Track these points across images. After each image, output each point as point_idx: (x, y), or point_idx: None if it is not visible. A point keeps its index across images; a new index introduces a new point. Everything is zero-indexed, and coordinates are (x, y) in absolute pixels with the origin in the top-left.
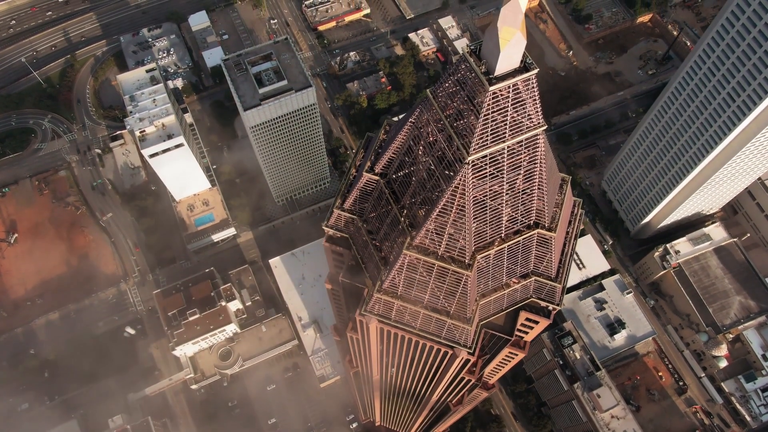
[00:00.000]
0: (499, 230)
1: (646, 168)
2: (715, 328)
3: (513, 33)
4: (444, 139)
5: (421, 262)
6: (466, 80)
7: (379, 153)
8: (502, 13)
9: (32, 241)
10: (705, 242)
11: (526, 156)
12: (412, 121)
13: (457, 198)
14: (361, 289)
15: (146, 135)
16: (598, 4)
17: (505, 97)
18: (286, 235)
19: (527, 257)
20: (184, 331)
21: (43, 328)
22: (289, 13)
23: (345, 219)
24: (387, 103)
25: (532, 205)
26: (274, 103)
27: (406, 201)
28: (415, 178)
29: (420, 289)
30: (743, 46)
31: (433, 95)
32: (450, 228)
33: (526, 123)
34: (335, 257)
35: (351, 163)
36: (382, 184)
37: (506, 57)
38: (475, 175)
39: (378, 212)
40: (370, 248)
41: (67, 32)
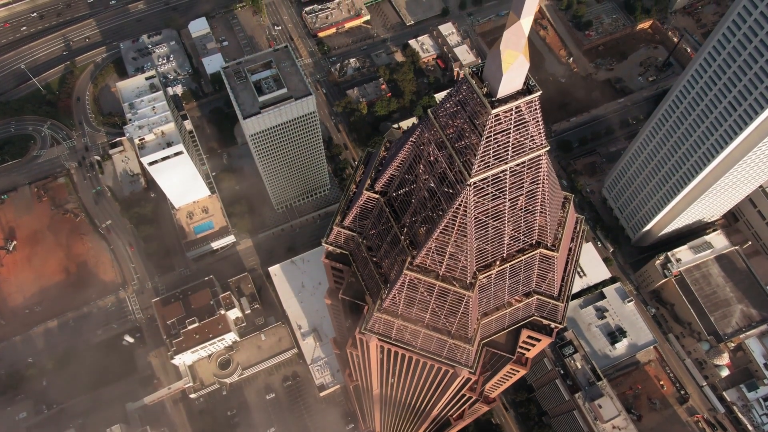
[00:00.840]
0: (501, 250)
1: (648, 176)
2: (716, 337)
3: (516, 56)
4: (445, 159)
5: (422, 282)
6: (467, 101)
7: (379, 170)
8: (505, 37)
9: (31, 249)
10: (706, 250)
11: (529, 176)
12: (413, 140)
13: (459, 218)
14: (361, 305)
15: (145, 143)
16: (599, 11)
17: (508, 119)
18: (285, 243)
19: (529, 276)
20: (183, 340)
21: (42, 336)
22: (289, 20)
23: (345, 236)
24: (387, 110)
25: (534, 224)
26: (274, 111)
27: (406, 220)
28: (415, 196)
29: (421, 308)
30: (744, 56)
31: (434, 115)
32: (451, 248)
33: (528, 144)
34: (335, 273)
35: (351, 178)
36: (383, 202)
37: (509, 80)
38: (477, 196)
39: (378, 230)
40: (370, 266)
41: (67, 38)
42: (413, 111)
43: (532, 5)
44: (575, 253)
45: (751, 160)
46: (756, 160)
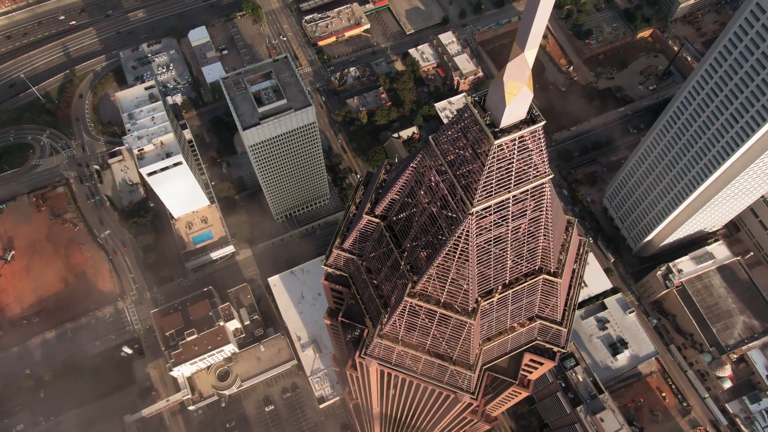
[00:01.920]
0: (504, 276)
1: (649, 186)
2: (719, 349)
3: (520, 88)
4: (447, 187)
5: (423, 309)
6: (469, 130)
7: (380, 193)
8: (509, 68)
9: (29, 259)
10: (708, 261)
11: (532, 204)
12: (414, 165)
13: (461, 246)
14: (361, 328)
15: (145, 153)
16: (599, 20)
17: (511, 149)
18: (285, 253)
19: (532, 302)
20: (182, 351)
21: (39, 347)
22: (288, 29)
23: (344, 258)
24: (387, 119)
25: (537, 250)
26: (274, 122)
27: (407, 245)
28: (416, 221)
29: (422, 334)
30: (746, 68)
31: (435, 142)
32: (453, 275)
33: (532, 172)
34: (334, 294)
35: (351, 199)
36: (383, 227)
37: (512, 110)
38: (479, 224)
39: (378, 253)
40: (370, 289)
41: (67, 47)
42: (413, 120)
43: (536, 38)
44: (578, 277)
45: (753, 171)
46: (758, 171)
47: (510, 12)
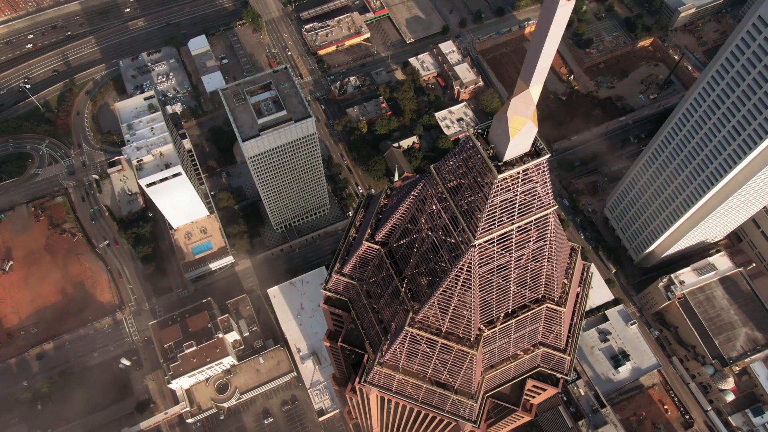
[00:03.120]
0: (507, 305)
1: (650, 197)
2: (721, 361)
3: (524, 123)
4: (449, 217)
5: (424, 338)
6: (472, 162)
7: (380, 219)
8: (513, 104)
9: (27, 269)
10: (710, 272)
11: (536, 234)
12: (415, 194)
13: (463, 276)
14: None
15: (143, 164)
16: (599, 29)
17: (515, 182)
18: (284, 263)
19: (535, 330)
20: (181, 364)
21: (37, 358)
22: (289, 37)
23: (344, 283)
24: (387, 128)
25: (540, 279)
26: (273, 133)
27: (408, 272)
28: (417, 249)
29: (423, 363)
30: (749, 80)
31: (437, 171)
32: (455, 305)
33: (536, 204)
34: (334, 317)
35: (350, 222)
36: (383, 253)
37: (516, 144)
38: (481, 255)
39: (378, 278)
40: (370, 315)
41: (66, 56)
42: (414, 130)
43: (542, 74)
44: (582, 303)
45: (755, 183)
46: (761, 183)
47: (510, 21)
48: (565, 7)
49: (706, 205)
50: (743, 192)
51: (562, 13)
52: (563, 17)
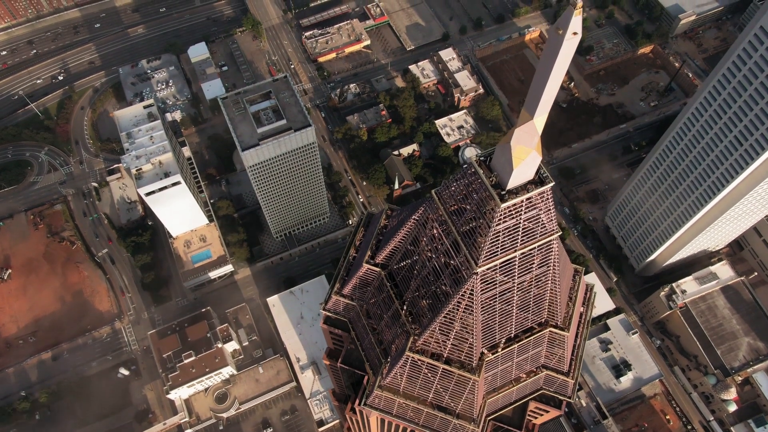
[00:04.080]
0: (509, 330)
1: (651, 206)
2: (723, 371)
3: (528, 152)
4: (450, 243)
5: (426, 364)
6: (475, 189)
7: (380, 240)
8: (517, 134)
9: (26, 277)
10: (712, 281)
11: (539, 259)
12: (416, 218)
13: (465, 303)
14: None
15: (143, 173)
16: (599, 36)
17: (518, 210)
18: (284, 272)
19: (538, 353)
20: (180, 374)
21: (35, 368)
22: (288, 44)
23: (344, 304)
24: (387, 136)
25: (543, 303)
26: (273, 142)
27: (408, 295)
28: (418, 273)
29: (424, 387)
30: (750, 91)
31: (438, 196)
32: (456, 330)
33: (539, 231)
34: (334, 337)
35: (350, 241)
36: (383, 275)
37: (520, 173)
38: (484, 282)
39: (378, 299)
40: (370, 337)
41: (66, 63)
42: (414, 137)
43: (546, 105)
44: (586, 325)
45: (758, 193)
46: (763, 192)
47: (510, 28)
48: (571, 41)
49: (708, 214)
50: (746, 201)
51: (568, 47)
52: (569, 51)
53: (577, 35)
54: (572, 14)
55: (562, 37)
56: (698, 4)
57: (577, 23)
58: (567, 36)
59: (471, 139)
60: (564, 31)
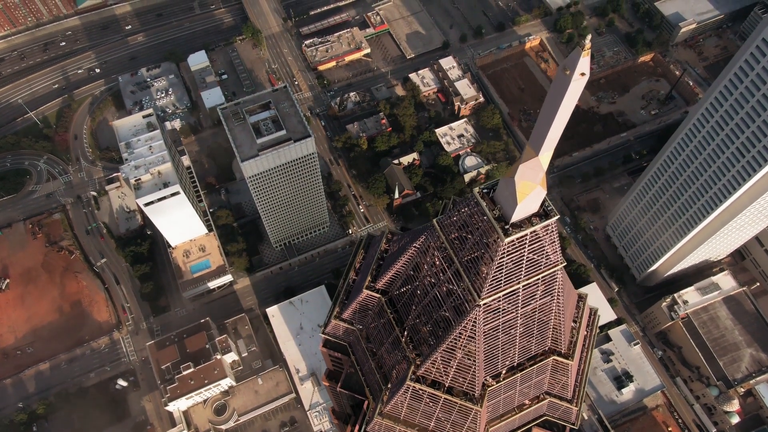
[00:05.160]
0: (513, 359)
1: (652, 217)
2: (726, 383)
3: (533, 188)
4: (452, 273)
5: (427, 393)
6: (477, 220)
7: (380, 265)
8: (521, 170)
9: (24, 287)
10: (714, 291)
11: (543, 290)
12: (417, 246)
13: (467, 334)
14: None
15: (142, 183)
16: (600, 44)
17: (522, 243)
18: (284, 281)
19: (542, 381)
20: (178, 386)
21: (33, 379)
22: (288, 53)
23: (343, 328)
24: (387, 145)
25: (547, 332)
26: (273, 153)
27: (409, 322)
28: (420, 302)
29: (425, 416)
30: (753, 102)
31: (440, 226)
32: (458, 360)
33: (543, 262)
34: (333, 360)
35: (350, 264)
36: (384, 302)
37: (524, 207)
38: (487, 314)
39: (378, 324)
40: (370, 362)
41: (65, 71)
42: (414, 146)
43: (552, 143)
44: (590, 351)
45: (760, 205)
46: (766, 204)
47: (511, 36)
48: (579, 81)
49: (710, 225)
50: (748, 212)
51: (575, 88)
52: (576, 91)
53: (585, 76)
54: (580, 55)
55: (569, 78)
56: (698, 12)
57: (585, 64)
58: (575, 77)
59: (471, 148)
60: (572, 72)
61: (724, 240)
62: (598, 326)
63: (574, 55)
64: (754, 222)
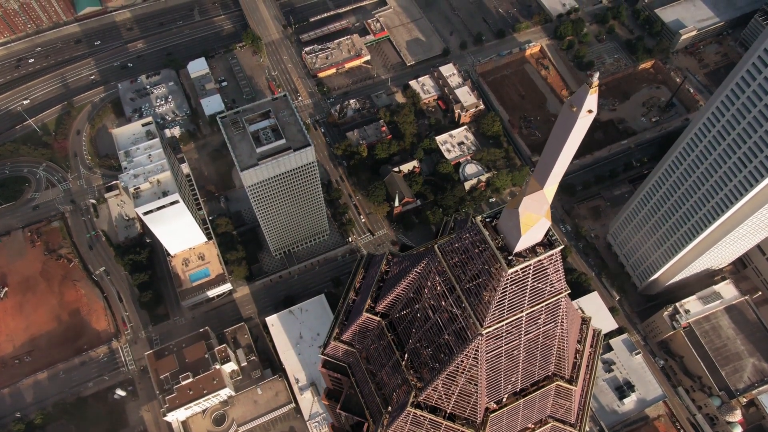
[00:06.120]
0: (515, 385)
1: (654, 226)
2: (728, 393)
3: (537, 219)
4: (454, 300)
5: (428, 420)
6: (479, 249)
7: (380, 287)
8: (525, 202)
9: (22, 296)
10: (715, 301)
11: (546, 317)
12: (419, 271)
13: (469, 363)
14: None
15: (141, 192)
16: (600, 51)
17: (526, 273)
18: (283, 290)
19: (545, 405)
20: (177, 396)
21: (31, 388)
22: (288, 60)
23: (343, 350)
24: (387, 152)
25: (551, 358)
26: (272, 162)
27: (410, 346)
28: (420, 328)
29: None
30: (755, 113)
31: (441, 252)
32: (460, 387)
33: (547, 290)
34: (333, 380)
35: (349, 283)
36: (384, 325)
37: (528, 238)
38: (489, 341)
39: (378, 347)
40: (370, 385)
41: (65, 78)
42: (414, 154)
43: (557, 177)
44: (593, 374)
45: (762, 215)
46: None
47: (511, 43)
48: (586, 119)
49: (713, 234)
50: (751, 222)
51: (581, 125)
52: (583, 128)
53: (592, 113)
54: (587, 92)
55: (576, 115)
56: (699, 19)
57: (592, 101)
58: (582, 114)
59: (472, 156)
60: (578, 109)
61: (726, 249)
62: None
63: (581, 92)
64: (757, 231)
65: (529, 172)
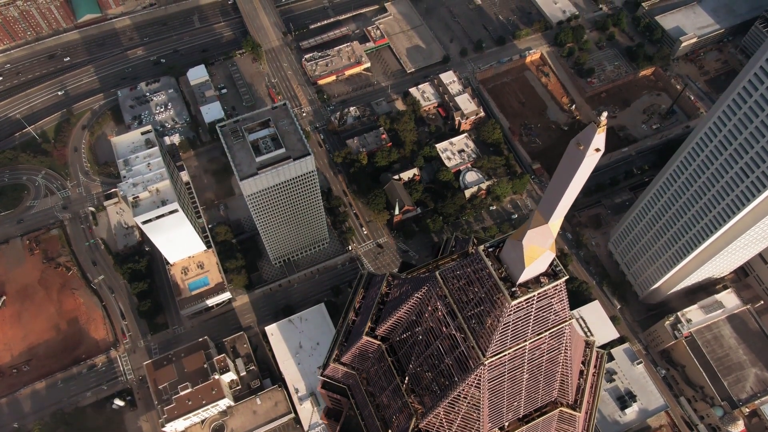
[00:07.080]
0: (518, 412)
1: (655, 234)
2: (730, 403)
3: (541, 252)
4: (455, 327)
5: None
6: (482, 278)
7: (381, 310)
8: (530, 235)
9: (20, 304)
10: (717, 310)
11: (550, 345)
12: (419, 296)
13: (471, 390)
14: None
15: (140, 201)
16: (600, 58)
17: (530, 304)
18: (283, 299)
19: (548, 429)
20: (175, 406)
21: (29, 398)
22: (288, 67)
23: (342, 372)
24: (387, 160)
25: (554, 384)
26: (272, 171)
27: (410, 370)
28: (421, 352)
29: None
30: (756, 123)
31: (443, 279)
32: (462, 414)
33: (551, 319)
34: (333, 401)
35: (349, 303)
36: (384, 349)
37: (532, 270)
38: (492, 370)
39: (379, 369)
40: (370, 408)
41: (64, 86)
42: (414, 161)
43: (562, 211)
44: (596, 397)
45: (765, 224)
46: None
47: (511, 50)
48: (593, 157)
49: (714, 244)
50: (753, 231)
51: (588, 163)
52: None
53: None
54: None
55: (583, 153)
56: (699, 26)
57: (600, 140)
58: (589, 152)
59: (472, 163)
60: (586, 147)
61: (728, 258)
62: (602, 345)
63: (588, 130)
64: (759, 240)
65: (529, 180)
